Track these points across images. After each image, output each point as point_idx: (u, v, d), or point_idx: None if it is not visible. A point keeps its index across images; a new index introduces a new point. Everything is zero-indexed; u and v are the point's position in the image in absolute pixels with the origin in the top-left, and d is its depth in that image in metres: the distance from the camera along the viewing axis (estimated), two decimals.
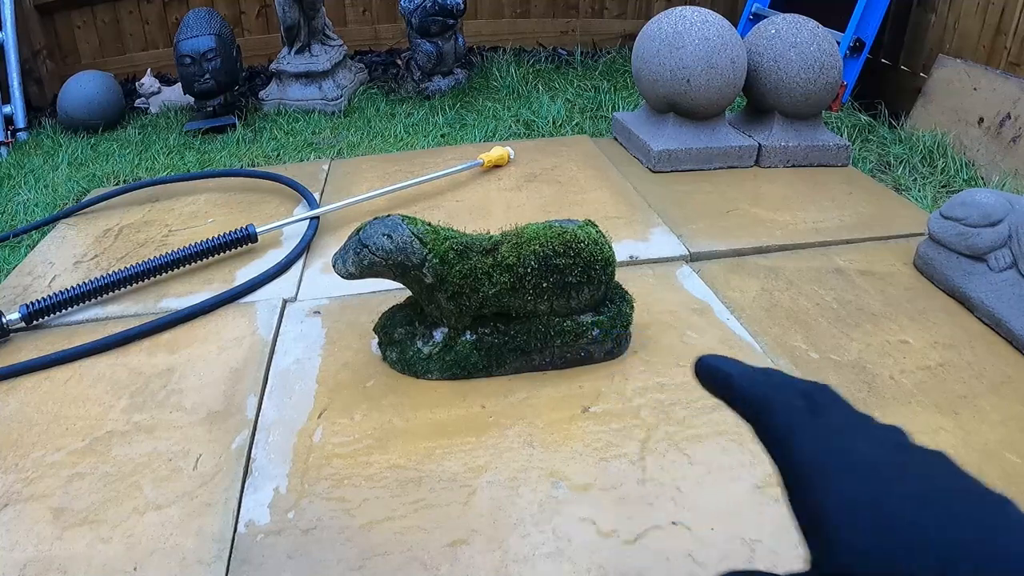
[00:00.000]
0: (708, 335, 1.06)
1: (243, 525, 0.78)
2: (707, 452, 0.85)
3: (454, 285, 0.90)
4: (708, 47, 1.58)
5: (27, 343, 1.14)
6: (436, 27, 2.30)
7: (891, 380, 0.96)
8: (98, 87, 2.30)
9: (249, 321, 1.15)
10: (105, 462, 0.88)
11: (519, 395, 0.95)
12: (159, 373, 1.04)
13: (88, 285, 1.20)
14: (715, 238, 1.34)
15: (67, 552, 0.76)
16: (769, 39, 1.68)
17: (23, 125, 2.36)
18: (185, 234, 1.47)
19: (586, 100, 2.26)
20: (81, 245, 1.47)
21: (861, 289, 1.17)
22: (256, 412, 0.95)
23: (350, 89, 2.39)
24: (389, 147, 1.97)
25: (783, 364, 1.00)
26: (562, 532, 0.75)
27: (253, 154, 1.97)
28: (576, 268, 0.91)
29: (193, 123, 2.18)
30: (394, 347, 1.00)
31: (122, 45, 2.78)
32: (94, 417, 0.96)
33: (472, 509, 0.78)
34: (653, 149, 1.66)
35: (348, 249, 0.89)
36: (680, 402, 0.93)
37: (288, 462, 0.86)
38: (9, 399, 1.01)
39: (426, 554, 0.73)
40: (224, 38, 2.16)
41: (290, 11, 2.24)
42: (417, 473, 0.83)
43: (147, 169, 1.93)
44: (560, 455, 0.85)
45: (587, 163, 1.73)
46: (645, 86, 1.72)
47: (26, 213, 1.71)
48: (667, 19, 1.65)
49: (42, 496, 0.83)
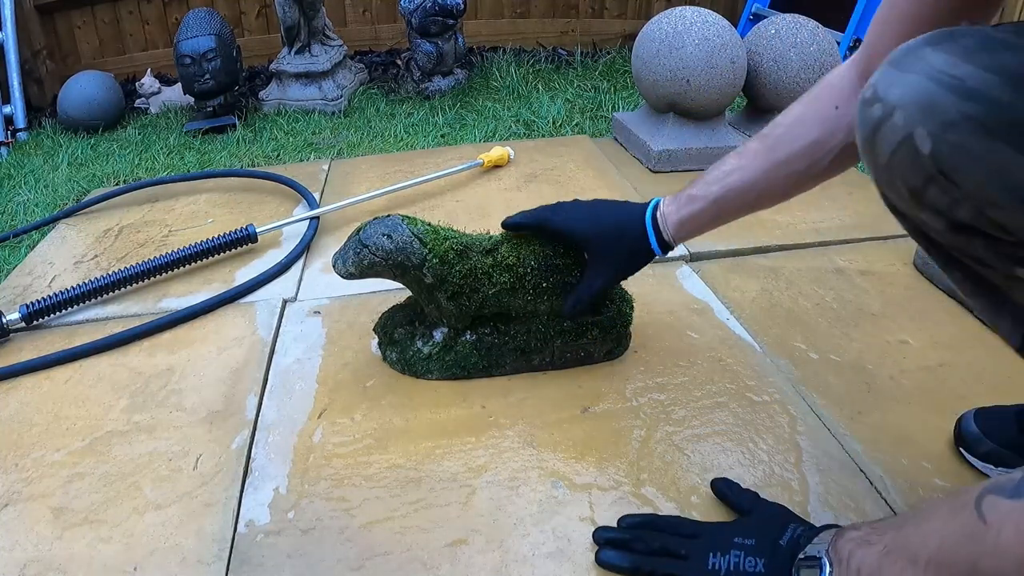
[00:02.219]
0: (708, 335, 1.06)
1: (243, 525, 0.78)
2: (707, 452, 0.85)
3: (454, 285, 0.90)
4: (708, 47, 1.58)
5: (27, 343, 1.14)
6: (436, 27, 2.30)
7: (891, 380, 0.96)
8: (98, 87, 2.30)
9: (249, 321, 1.15)
10: (105, 462, 0.88)
11: (519, 395, 0.95)
12: (159, 373, 1.04)
13: (88, 285, 1.20)
14: (715, 238, 1.33)
15: (67, 552, 0.76)
16: (769, 39, 1.68)
17: (23, 125, 2.36)
18: (185, 234, 1.47)
19: (586, 100, 2.26)
20: (81, 245, 1.47)
21: (861, 289, 1.17)
22: (256, 412, 0.95)
23: (350, 89, 2.40)
24: (389, 147, 1.97)
25: (783, 364, 1.00)
26: (562, 532, 0.75)
27: (253, 154, 1.97)
28: (576, 268, 0.91)
29: (193, 123, 2.18)
30: (394, 347, 1.00)
31: (122, 45, 2.78)
32: (94, 417, 0.96)
33: (472, 509, 0.78)
34: (653, 149, 1.67)
35: (348, 249, 0.89)
36: (680, 402, 0.93)
37: (288, 462, 0.86)
38: (9, 399, 1.01)
39: (426, 554, 0.73)
40: (224, 38, 2.16)
41: (290, 11, 2.24)
42: (417, 473, 0.84)
43: (147, 169, 1.93)
44: (560, 455, 0.85)
45: (587, 163, 1.73)
46: (645, 86, 1.72)
47: (26, 213, 1.71)
48: (667, 19, 1.65)
49: (42, 496, 0.83)
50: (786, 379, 0.97)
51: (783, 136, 0.77)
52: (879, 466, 0.81)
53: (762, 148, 0.79)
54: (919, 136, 0.52)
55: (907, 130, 0.52)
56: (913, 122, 0.52)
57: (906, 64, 0.55)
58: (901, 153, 0.53)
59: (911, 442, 0.85)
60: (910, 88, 0.53)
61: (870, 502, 0.77)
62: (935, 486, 0.79)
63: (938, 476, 0.80)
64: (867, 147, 0.57)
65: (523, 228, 0.91)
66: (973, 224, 0.53)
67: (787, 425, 0.88)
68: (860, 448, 0.84)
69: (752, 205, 0.82)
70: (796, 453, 0.84)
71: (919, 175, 0.53)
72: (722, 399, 0.93)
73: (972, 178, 0.50)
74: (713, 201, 0.82)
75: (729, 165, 0.81)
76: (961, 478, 0.79)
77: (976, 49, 0.52)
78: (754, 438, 0.87)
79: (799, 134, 0.76)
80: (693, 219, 0.84)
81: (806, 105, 0.77)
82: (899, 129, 0.53)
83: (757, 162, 0.79)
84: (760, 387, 0.95)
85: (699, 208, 0.83)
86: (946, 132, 0.50)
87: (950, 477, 0.80)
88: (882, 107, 0.54)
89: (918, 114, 0.52)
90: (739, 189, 0.80)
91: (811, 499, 0.78)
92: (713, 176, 0.83)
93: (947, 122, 0.50)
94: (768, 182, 0.79)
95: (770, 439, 0.86)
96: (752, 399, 0.93)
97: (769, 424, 0.89)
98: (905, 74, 0.54)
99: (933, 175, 0.52)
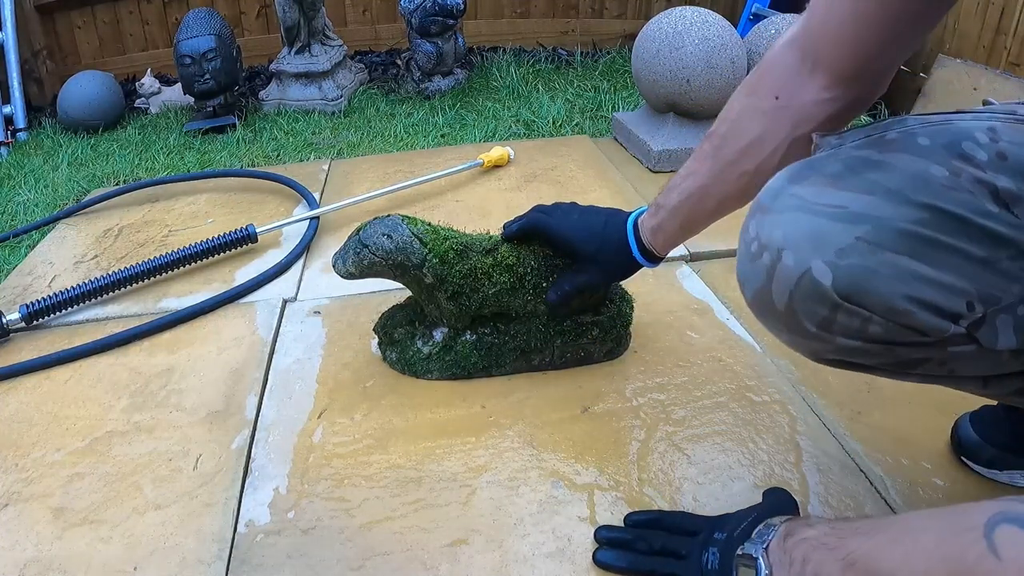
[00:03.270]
0: (708, 335, 1.06)
1: (243, 525, 0.78)
2: (707, 452, 0.85)
3: (454, 285, 0.90)
4: (708, 47, 1.58)
5: (27, 343, 1.14)
6: (436, 27, 2.30)
7: (891, 380, 0.96)
8: (98, 87, 2.30)
9: (249, 321, 1.15)
10: (105, 462, 0.88)
11: (519, 395, 0.95)
12: (159, 373, 1.04)
13: (88, 285, 1.20)
14: (715, 238, 1.33)
15: (67, 552, 0.76)
16: (769, 39, 1.68)
17: (23, 125, 2.36)
18: (185, 234, 1.47)
19: (586, 100, 2.26)
20: (81, 245, 1.47)
21: None
22: (256, 412, 0.95)
23: (350, 89, 2.40)
24: (389, 147, 1.97)
25: (783, 364, 1.00)
26: (562, 532, 0.75)
27: (253, 154, 1.97)
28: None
29: (193, 123, 2.18)
30: (394, 347, 1.00)
31: (122, 45, 2.78)
32: (94, 417, 0.96)
33: (472, 509, 0.78)
34: (653, 149, 1.67)
35: (348, 249, 0.89)
36: (680, 402, 0.93)
37: (288, 462, 0.86)
38: (9, 399, 1.01)
39: (426, 554, 0.73)
40: (224, 38, 2.16)
41: (290, 11, 2.24)
42: (417, 473, 0.84)
43: (147, 169, 1.93)
44: (560, 455, 0.85)
45: (587, 163, 1.73)
46: (645, 86, 1.72)
47: (26, 213, 1.71)
48: (667, 19, 1.65)
49: (42, 496, 0.83)
50: (786, 379, 0.97)
51: (727, 134, 0.71)
52: (879, 466, 0.81)
53: (710, 149, 0.73)
54: (817, 270, 0.51)
55: (802, 267, 0.51)
56: (806, 257, 0.51)
57: (779, 206, 0.54)
58: (801, 291, 0.52)
59: (911, 442, 0.85)
60: (792, 225, 0.52)
61: (870, 502, 0.77)
62: (935, 486, 0.79)
63: (938, 476, 0.80)
64: (762, 299, 0.56)
65: (521, 234, 0.91)
66: (889, 339, 0.52)
67: (787, 425, 0.88)
68: (860, 448, 0.84)
69: (714, 210, 0.77)
70: (796, 453, 0.84)
71: (824, 306, 0.52)
72: (722, 399, 0.93)
73: (877, 296, 0.50)
74: (674, 210, 0.79)
75: (685, 169, 0.77)
76: (961, 478, 0.79)
77: (844, 174, 0.52)
78: (754, 438, 0.87)
79: (742, 130, 0.69)
80: (662, 229, 0.82)
81: (746, 96, 0.69)
82: (793, 269, 0.52)
83: (706, 165, 0.74)
84: (760, 387, 0.95)
85: (663, 218, 0.80)
86: (842, 258, 0.50)
87: (950, 477, 0.80)
88: (769, 254, 0.53)
89: (810, 248, 0.51)
90: (696, 195, 0.76)
91: (811, 499, 0.78)
92: (673, 182, 0.79)
93: (841, 248, 0.50)
94: (721, 185, 0.73)
95: (770, 439, 0.86)
96: (752, 399, 0.93)
97: (769, 424, 0.89)
98: (781, 215, 0.53)
99: (838, 304, 0.51)
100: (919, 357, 0.54)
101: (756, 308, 0.58)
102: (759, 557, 0.58)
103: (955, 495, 0.77)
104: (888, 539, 0.48)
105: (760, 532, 0.61)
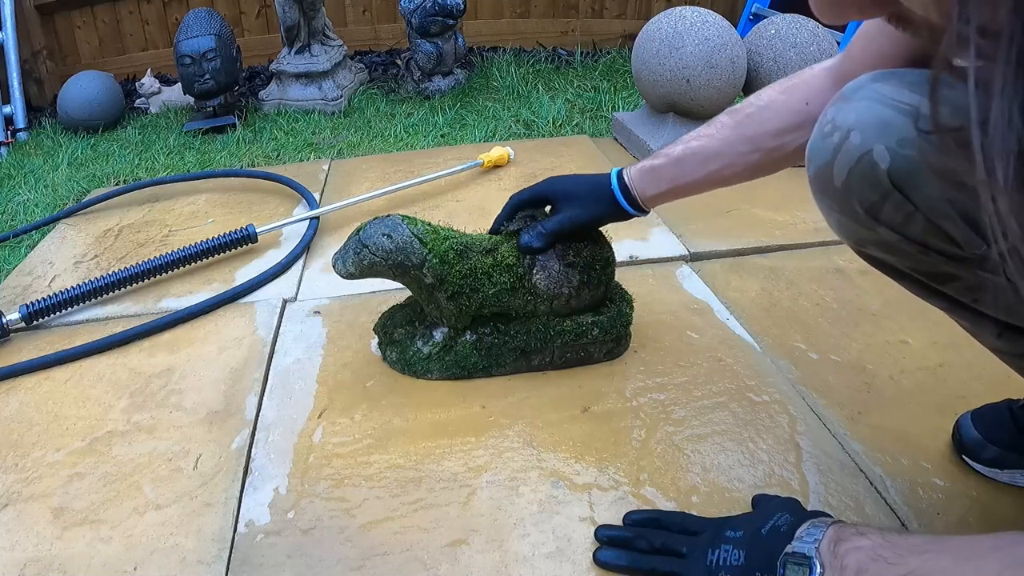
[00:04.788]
0: (708, 335, 1.06)
1: (243, 525, 0.78)
2: (707, 452, 0.85)
3: (454, 285, 0.90)
4: (708, 47, 1.58)
5: (27, 343, 1.14)
6: (436, 27, 2.30)
7: (891, 380, 0.96)
8: (98, 87, 2.30)
9: (249, 321, 1.15)
10: (105, 462, 0.88)
11: (519, 395, 0.95)
12: (159, 373, 1.04)
13: (88, 285, 1.20)
14: (715, 238, 1.34)
15: (67, 552, 0.76)
16: (769, 39, 1.68)
17: (23, 125, 2.36)
18: (185, 234, 1.47)
19: (586, 100, 2.26)
20: (81, 245, 1.47)
21: (861, 289, 1.17)
22: (256, 412, 0.95)
23: (350, 89, 2.39)
24: (389, 147, 1.97)
25: (783, 364, 1.00)
26: (562, 532, 0.75)
27: (253, 154, 1.97)
28: (576, 268, 0.91)
29: (193, 123, 2.18)
30: (394, 347, 1.00)
31: (122, 45, 2.78)
32: (94, 417, 0.96)
33: (472, 509, 0.78)
34: (653, 149, 1.66)
35: (348, 249, 0.89)
36: (680, 402, 0.93)
37: (288, 462, 0.86)
38: (9, 399, 1.01)
39: (426, 554, 0.73)
40: (224, 38, 2.16)
41: (290, 11, 2.24)
42: (417, 473, 0.84)
43: (147, 169, 1.93)
44: (560, 455, 0.85)
45: (587, 163, 1.73)
46: (645, 86, 1.72)
47: (26, 213, 1.71)
48: (667, 19, 1.65)
49: (42, 496, 0.83)
50: (786, 379, 0.97)
51: (753, 115, 0.80)
52: (879, 466, 0.81)
53: (730, 122, 0.82)
54: (878, 152, 0.55)
55: (865, 148, 0.55)
56: (871, 139, 0.55)
57: (857, 95, 0.58)
58: (859, 170, 0.56)
59: (911, 442, 0.85)
60: (865, 111, 0.56)
61: (870, 502, 0.77)
62: (935, 486, 0.79)
63: (938, 476, 0.80)
64: (823, 175, 0.60)
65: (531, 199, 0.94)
66: (925, 241, 0.55)
67: (787, 425, 0.88)
68: (860, 448, 0.84)
69: (712, 174, 0.83)
70: (796, 453, 0.84)
71: (876, 191, 0.56)
72: (722, 399, 0.93)
73: (926, 192, 0.53)
74: (675, 160, 0.85)
75: (695, 134, 0.85)
76: (962, 478, 0.79)
77: (922, 83, 0.56)
78: (754, 438, 0.87)
79: (767, 118, 0.79)
80: (653, 172, 0.87)
81: (779, 93, 0.80)
82: (857, 148, 0.56)
83: (723, 132, 0.82)
84: (760, 387, 0.95)
85: (659, 163, 0.86)
86: (903, 148, 0.54)
87: (950, 477, 0.80)
88: (840, 133, 0.57)
89: (875, 132, 0.55)
90: (702, 154, 0.83)
91: (811, 499, 0.78)
92: (679, 140, 0.86)
93: (904, 139, 0.54)
94: (731, 155, 0.81)
95: (770, 439, 0.86)
96: (752, 399, 0.93)
97: (769, 424, 0.89)
98: (858, 102, 0.57)
99: (889, 191, 0.55)
100: (949, 272, 0.58)
101: (816, 184, 0.62)
102: (813, 556, 0.57)
103: (955, 495, 0.77)
104: (951, 562, 0.48)
105: (808, 532, 0.60)
